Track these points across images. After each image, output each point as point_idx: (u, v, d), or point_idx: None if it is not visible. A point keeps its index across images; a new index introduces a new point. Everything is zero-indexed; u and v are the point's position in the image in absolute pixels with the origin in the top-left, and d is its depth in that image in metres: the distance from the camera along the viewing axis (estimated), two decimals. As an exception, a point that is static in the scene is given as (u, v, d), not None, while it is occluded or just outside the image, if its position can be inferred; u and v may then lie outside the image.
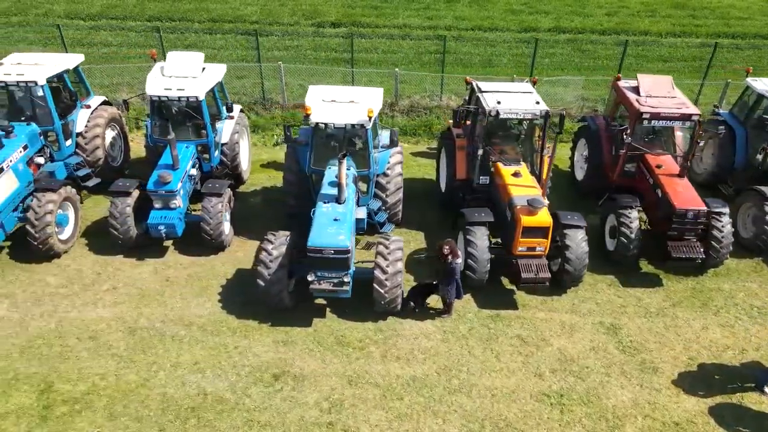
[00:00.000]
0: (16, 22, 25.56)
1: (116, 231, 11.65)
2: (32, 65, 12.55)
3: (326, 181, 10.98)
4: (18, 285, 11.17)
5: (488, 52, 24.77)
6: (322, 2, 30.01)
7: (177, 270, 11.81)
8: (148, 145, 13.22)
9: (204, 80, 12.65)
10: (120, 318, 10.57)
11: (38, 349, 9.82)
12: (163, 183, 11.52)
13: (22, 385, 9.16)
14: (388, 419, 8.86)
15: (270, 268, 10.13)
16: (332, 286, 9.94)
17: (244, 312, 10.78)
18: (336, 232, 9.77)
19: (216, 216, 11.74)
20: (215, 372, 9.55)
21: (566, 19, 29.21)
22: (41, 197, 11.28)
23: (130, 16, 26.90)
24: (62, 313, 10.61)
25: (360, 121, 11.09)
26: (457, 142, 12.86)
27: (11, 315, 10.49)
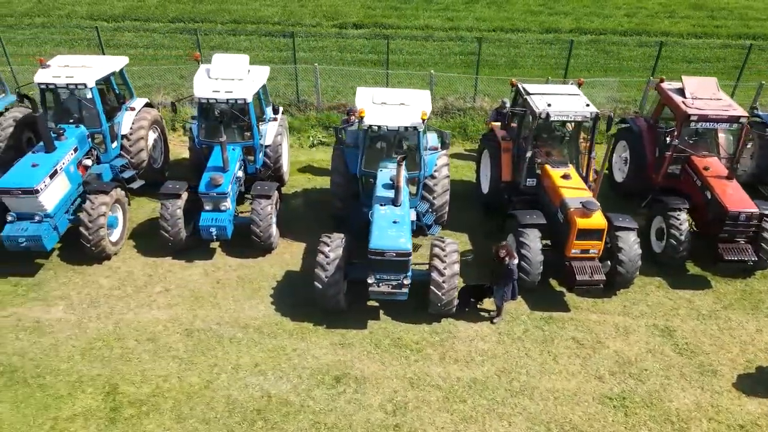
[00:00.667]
0: (40, 23, 25.62)
1: (167, 233, 11.69)
2: (80, 67, 12.59)
3: (380, 183, 11.02)
4: (72, 287, 11.21)
5: (512, 53, 24.78)
6: (342, 3, 30.04)
7: (226, 272, 11.85)
8: (194, 147, 13.25)
9: (251, 82, 12.68)
10: (176, 320, 10.61)
11: (99, 351, 9.87)
12: (214, 185, 11.55)
13: (86, 387, 9.21)
14: (453, 422, 8.89)
15: (327, 270, 10.17)
16: (391, 288, 9.98)
17: (298, 314, 10.83)
18: (397, 234, 9.80)
19: (266, 218, 11.78)
20: (276, 374, 9.59)
21: (586, 20, 29.19)
22: (94, 199, 11.32)
23: (153, 18, 26.95)
24: (118, 314, 10.65)
25: (413, 124, 11.12)
26: (503, 145, 12.89)
27: (68, 317, 10.54)
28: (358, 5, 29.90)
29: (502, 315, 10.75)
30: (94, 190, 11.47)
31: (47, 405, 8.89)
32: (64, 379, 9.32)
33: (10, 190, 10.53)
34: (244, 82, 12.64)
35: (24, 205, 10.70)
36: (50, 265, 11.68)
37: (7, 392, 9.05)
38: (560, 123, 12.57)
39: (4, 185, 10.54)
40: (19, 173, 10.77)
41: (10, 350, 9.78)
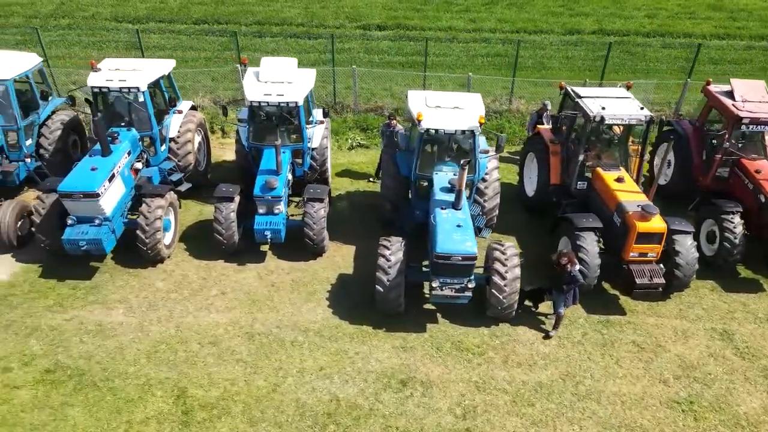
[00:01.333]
0: (66, 24, 25.67)
1: (221, 236, 11.72)
2: (130, 71, 12.62)
3: (437, 186, 11.04)
4: (129, 290, 11.24)
5: (538, 54, 24.80)
6: (363, 5, 30.05)
7: (280, 275, 11.87)
8: (241, 150, 13.27)
9: (300, 85, 12.71)
10: (235, 323, 10.64)
11: (164, 354, 9.90)
12: (270, 188, 11.58)
13: (156, 391, 9.24)
14: (524, 425, 8.92)
15: (389, 273, 10.19)
16: (454, 292, 10.01)
17: (356, 317, 10.85)
18: (462, 238, 9.83)
19: (319, 221, 11.80)
20: (342, 378, 9.62)
21: (608, 21, 29.18)
22: (150, 202, 11.35)
23: (177, 19, 26.99)
24: (178, 318, 10.68)
25: (471, 127, 11.14)
26: (551, 148, 12.91)
27: (129, 320, 10.57)
28: (379, 7, 29.93)
29: (559, 328, 10.67)
30: (149, 194, 11.50)
31: (119, 408, 8.92)
32: (133, 383, 9.36)
33: (72, 193, 10.56)
34: (295, 85, 12.67)
35: (84, 208, 10.73)
36: (105, 269, 11.71)
37: (78, 396, 9.09)
38: (608, 126, 12.59)
39: (65, 189, 10.57)
40: (79, 177, 10.80)
41: (76, 353, 9.82)
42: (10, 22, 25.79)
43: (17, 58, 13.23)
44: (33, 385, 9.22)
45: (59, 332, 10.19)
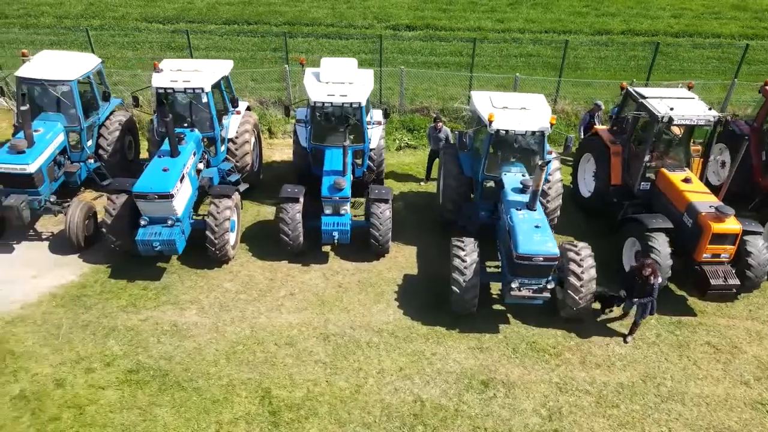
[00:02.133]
0: (97, 25, 25.68)
1: (287, 237, 11.72)
2: (192, 71, 12.63)
3: (509, 187, 11.03)
4: (198, 291, 11.24)
5: (570, 55, 24.69)
6: (389, 5, 30.07)
7: (345, 276, 11.87)
8: (299, 150, 13.27)
9: (362, 85, 12.72)
10: (308, 324, 10.64)
11: (243, 355, 9.91)
12: (338, 189, 11.58)
13: (240, 391, 9.25)
14: (611, 427, 8.91)
15: (465, 274, 10.19)
16: (532, 292, 10.01)
17: (427, 318, 10.86)
18: (543, 239, 9.82)
19: (385, 222, 11.80)
20: (423, 378, 9.62)
21: (634, 21, 29.16)
22: (219, 203, 11.36)
23: (206, 20, 27.00)
24: (251, 318, 10.69)
25: (541, 128, 11.14)
26: (612, 148, 12.89)
27: (203, 321, 10.57)
28: (405, 7, 29.95)
29: (635, 334, 10.62)
30: (217, 194, 11.50)
31: (207, 409, 8.93)
32: (216, 383, 9.37)
33: (147, 194, 10.57)
34: (356, 85, 12.68)
35: (158, 209, 10.73)
36: (172, 269, 11.72)
37: (164, 396, 9.10)
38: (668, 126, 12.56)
39: (140, 189, 10.58)
40: (152, 178, 10.80)
41: (156, 354, 9.82)
42: (41, 22, 25.82)
43: (79, 59, 13.23)
44: (118, 385, 9.23)
45: (136, 333, 10.20)
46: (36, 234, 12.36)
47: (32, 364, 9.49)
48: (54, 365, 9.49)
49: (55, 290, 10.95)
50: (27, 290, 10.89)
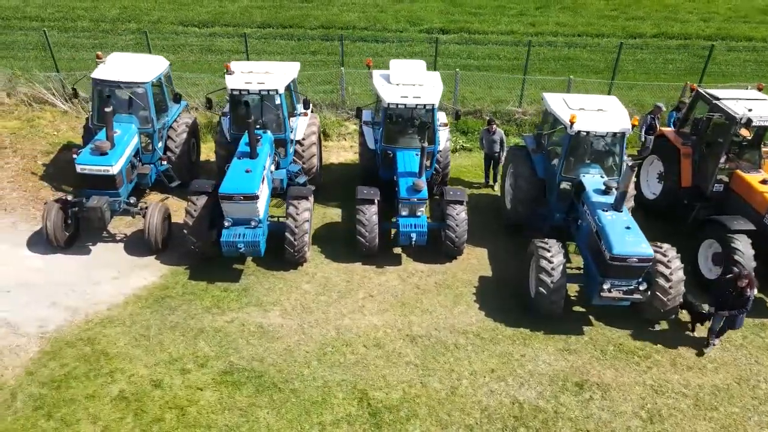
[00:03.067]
0: (135, 28, 25.76)
1: (364, 238, 11.72)
2: (264, 73, 12.67)
3: (591, 188, 11.01)
4: (278, 292, 11.24)
5: (607, 58, 24.78)
6: (419, 9, 30.19)
7: (421, 278, 11.87)
8: (367, 152, 13.28)
9: (432, 87, 12.75)
10: (392, 326, 10.63)
11: (333, 357, 9.90)
12: (416, 190, 11.60)
13: (337, 393, 9.24)
14: (714, 429, 8.89)
15: (552, 275, 10.19)
16: (623, 293, 9.99)
17: (509, 319, 10.85)
18: (636, 240, 9.82)
19: (462, 224, 11.81)
20: (516, 380, 9.60)
21: (665, 25, 29.20)
22: (298, 204, 11.37)
23: (241, 23, 27.07)
24: (335, 320, 10.68)
25: (623, 129, 11.15)
26: (682, 150, 12.88)
27: (288, 322, 10.57)
28: (436, 11, 30.06)
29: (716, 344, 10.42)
30: (295, 196, 11.50)
31: (307, 410, 8.91)
32: (312, 384, 9.35)
33: (233, 195, 10.58)
34: (427, 87, 12.71)
35: (243, 210, 10.74)
36: (249, 271, 11.72)
37: (262, 397, 9.09)
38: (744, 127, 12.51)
39: (226, 191, 10.59)
40: (237, 180, 10.81)
41: (247, 355, 9.82)
42: (78, 25, 25.93)
43: (149, 61, 13.29)
44: (215, 386, 9.22)
45: (224, 334, 10.20)
46: (110, 236, 12.37)
47: (127, 364, 9.49)
48: (149, 366, 9.49)
49: (138, 292, 10.96)
50: (111, 292, 10.90)
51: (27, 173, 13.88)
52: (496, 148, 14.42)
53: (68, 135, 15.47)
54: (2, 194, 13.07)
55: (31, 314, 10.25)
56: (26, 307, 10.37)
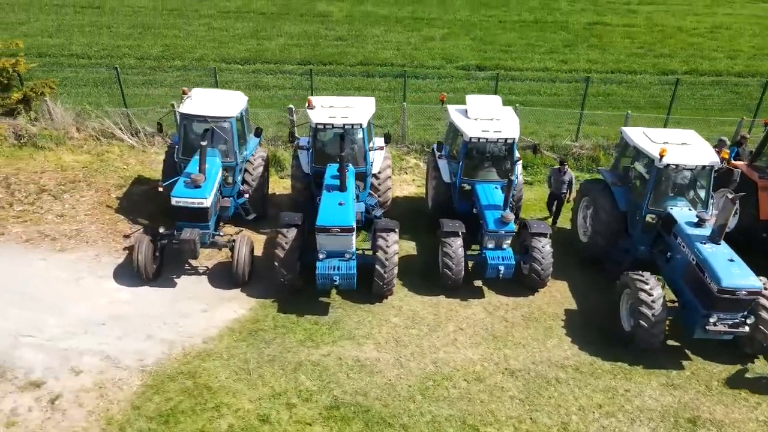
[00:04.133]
0: (180, 65, 26.33)
1: (450, 271, 11.70)
2: (344, 108, 12.90)
3: (683, 221, 11.03)
4: (369, 325, 11.15)
5: (645, 94, 25.22)
6: (451, 47, 30.87)
7: (506, 311, 11.79)
8: (442, 185, 13.37)
9: (510, 122, 12.93)
10: (489, 359, 10.51)
11: (436, 391, 9.76)
12: (505, 223, 11.64)
13: (447, 428, 9.08)
14: (839, 466, 8.68)
15: (653, 308, 10.14)
16: (728, 327, 9.91)
17: (603, 353, 10.74)
18: (743, 272, 9.81)
19: (548, 256, 11.81)
20: (627, 416, 9.43)
21: (693, 62, 29.79)
22: (387, 237, 11.39)
23: (281, 60, 27.69)
24: (430, 354, 10.57)
25: (712, 162, 11.26)
26: (760, 183, 12.96)
27: (384, 356, 10.45)
28: (468, 49, 30.72)
29: None
30: (383, 228, 11.53)
31: (423, 447, 8.75)
32: (421, 420, 9.20)
33: (330, 228, 10.63)
34: (505, 121, 12.90)
35: (338, 243, 10.78)
36: (336, 304, 11.65)
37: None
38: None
39: (323, 223, 10.65)
40: (332, 212, 10.89)
41: (350, 389, 9.68)
42: (124, 62, 26.49)
43: (230, 96, 13.56)
44: (323, 421, 9.06)
45: (323, 368, 10.08)
46: (192, 268, 12.36)
47: (231, 399, 9.35)
48: (253, 400, 9.35)
49: (230, 324, 10.88)
50: (202, 324, 10.83)
51: (102, 206, 13.98)
52: (564, 188, 14.32)
53: (137, 169, 15.65)
54: (81, 227, 13.13)
55: (128, 347, 10.17)
56: (122, 340, 10.30)
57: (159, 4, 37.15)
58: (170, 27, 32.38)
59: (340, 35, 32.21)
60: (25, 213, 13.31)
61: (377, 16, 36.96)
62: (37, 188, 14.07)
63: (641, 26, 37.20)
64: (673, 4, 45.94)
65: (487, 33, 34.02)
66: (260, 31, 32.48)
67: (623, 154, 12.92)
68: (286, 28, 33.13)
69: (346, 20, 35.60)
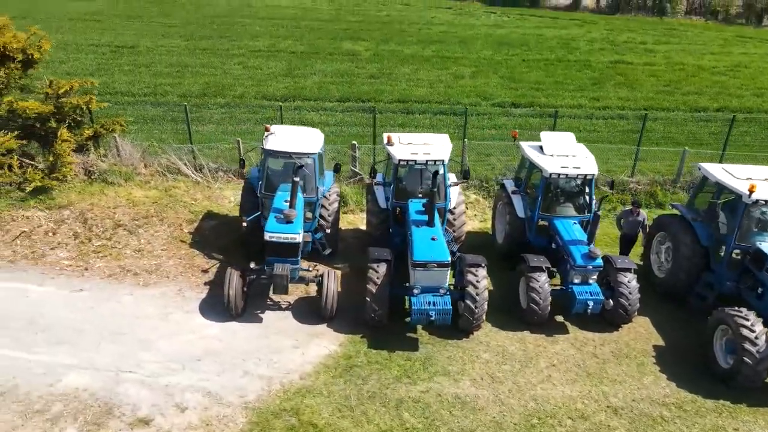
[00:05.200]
0: (224, 103, 26.81)
1: (537, 306, 11.66)
2: (422, 144, 13.11)
3: (778, 257, 11.07)
4: (461, 361, 11.05)
5: (683, 130, 25.57)
6: (481, 84, 31.49)
7: (595, 347, 11.69)
8: (517, 221, 13.45)
9: (587, 157, 13.11)
10: (588, 396, 10.38)
11: (542, 429, 9.63)
12: (592, 258, 11.67)
13: (564, 468, 8.91)
14: None
15: (757, 345, 10.08)
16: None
17: (702, 390, 10.63)
18: None
19: (634, 292, 11.79)
20: (743, 455, 9.27)
21: (722, 99, 30.32)
22: (476, 272, 11.39)
23: (320, 97, 28.18)
24: (528, 390, 10.44)
25: (800, 198, 11.36)
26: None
27: (483, 393, 10.33)
28: (498, 86, 31.30)
29: None
30: (472, 264, 11.54)
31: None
32: (536, 459, 9.05)
33: (427, 263, 10.67)
34: (581, 157, 13.07)
35: (433, 278, 10.81)
36: (423, 339, 11.56)
37: (490, 473, 8.76)
38: None
39: (420, 259, 10.70)
40: (428, 247, 10.95)
41: (456, 428, 9.53)
42: (168, 99, 27.01)
43: (309, 132, 13.81)
44: (437, 461, 8.92)
45: (425, 404, 9.95)
46: (274, 303, 12.34)
47: (339, 437, 9.23)
48: (358, 439, 9.22)
49: (323, 360, 10.79)
50: (297, 360, 10.74)
51: (177, 241, 14.06)
52: (638, 229, 14.02)
53: (205, 204, 15.79)
54: (160, 262, 13.18)
55: (228, 383, 10.07)
56: (221, 376, 10.21)
57: (191, 44, 38.10)
58: (206, 66, 33.10)
59: (372, 73, 32.89)
60: (105, 248, 13.38)
61: (403, 55, 37.80)
62: (113, 223, 14.18)
63: (662, 65, 38.01)
64: (688, 43, 47.15)
65: (513, 71, 34.73)
66: (294, 69, 33.17)
67: (701, 189, 13.04)
68: (318, 66, 33.85)
69: (374, 59, 36.41)
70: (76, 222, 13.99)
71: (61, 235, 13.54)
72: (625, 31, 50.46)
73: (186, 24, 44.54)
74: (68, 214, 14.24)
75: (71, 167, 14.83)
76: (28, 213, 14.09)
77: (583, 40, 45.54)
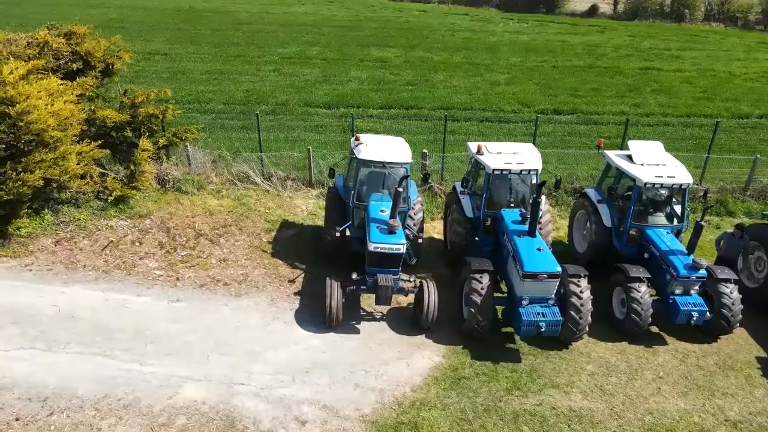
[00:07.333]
0: (266, 110, 26.75)
1: (638, 317, 11.49)
2: (512, 154, 12.99)
3: None
4: (566, 373, 10.86)
5: (732, 137, 25.47)
6: (519, 91, 31.40)
7: (698, 358, 11.49)
8: (603, 230, 13.33)
9: (678, 166, 12.98)
10: (703, 410, 10.23)
11: (667, 444, 9.49)
12: (695, 269, 11.54)
13: (697, 484, 8.76)
14: None
15: None
16: None
17: (813, 404, 10.46)
18: None
19: (737, 302, 11.63)
20: None
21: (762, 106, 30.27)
22: (579, 282, 11.23)
23: (363, 104, 28.12)
24: (640, 404, 10.27)
25: None
26: None
27: (596, 405, 10.18)
28: (536, 93, 31.21)
29: None
30: (574, 274, 11.38)
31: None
32: (666, 475, 8.90)
33: (537, 274, 10.57)
34: (671, 166, 12.94)
35: (543, 289, 10.69)
36: (524, 351, 11.41)
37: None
38: None
39: (531, 269, 10.59)
40: (537, 258, 10.84)
41: (579, 442, 9.42)
42: (212, 107, 27.01)
43: (396, 142, 13.73)
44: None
45: (540, 418, 9.81)
46: (367, 314, 12.19)
47: (463, 452, 9.09)
48: (487, 453, 9.08)
49: (431, 372, 10.66)
50: (405, 372, 10.61)
51: (258, 251, 13.96)
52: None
53: (279, 213, 15.68)
54: (247, 272, 13.07)
55: (341, 396, 9.94)
56: (333, 389, 10.08)
57: (221, 51, 38.15)
58: (241, 73, 33.10)
59: (408, 80, 32.85)
60: (190, 258, 13.29)
61: (433, 62, 37.77)
62: (194, 233, 14.10)
63: (692, 71, 37.96)
64: (712, 49, 47.06)
65: (547, 78, 34.65)
66: (329, 76, 33.15)
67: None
68: (353, 74, 33.85)
69: (406, 66, 36.41)
70: (159, 231, 13.90)
71: (147, 244, 13.45)
72: (647, 38, 50.40)
73: (214, 31, 44.66)
74: (150, 224, 14.16)
75: (148, 177, 14.80)
76: (111, 222, 14.02)
77: (607, 47, 45.46)
